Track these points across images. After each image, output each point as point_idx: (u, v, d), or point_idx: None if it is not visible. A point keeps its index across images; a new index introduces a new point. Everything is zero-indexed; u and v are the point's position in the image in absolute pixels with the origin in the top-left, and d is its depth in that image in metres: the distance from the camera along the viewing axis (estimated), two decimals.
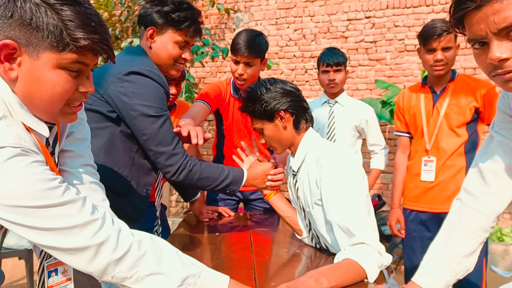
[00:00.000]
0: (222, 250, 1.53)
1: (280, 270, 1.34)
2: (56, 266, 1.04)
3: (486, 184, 1.11)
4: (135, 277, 0.89)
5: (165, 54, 1.53)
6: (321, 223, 1.42)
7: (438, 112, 2.05)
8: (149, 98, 1.42)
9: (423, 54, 2.04)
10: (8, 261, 3.72)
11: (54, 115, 0.88)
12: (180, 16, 1.50)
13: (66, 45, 0.80)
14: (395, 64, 4.89)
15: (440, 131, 2.04)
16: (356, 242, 1.20)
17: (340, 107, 2.55)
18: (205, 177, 1.50)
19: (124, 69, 1.41)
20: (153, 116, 1.41)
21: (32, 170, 0.79)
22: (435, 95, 2.08)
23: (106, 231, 0.87)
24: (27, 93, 0.83)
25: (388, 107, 4.12)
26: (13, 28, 0.79)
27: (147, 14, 1.53)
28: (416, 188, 2.14)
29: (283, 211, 1.61)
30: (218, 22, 5.58)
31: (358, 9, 4.99)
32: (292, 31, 5.25)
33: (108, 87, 1.42)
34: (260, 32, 2.07)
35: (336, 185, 1.28)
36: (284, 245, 1.63)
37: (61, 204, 0.81)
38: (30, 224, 0.79)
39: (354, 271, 1.14)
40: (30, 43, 0.79)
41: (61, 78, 0.83)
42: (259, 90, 1.44)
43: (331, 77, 2.47)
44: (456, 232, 1.13)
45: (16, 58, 0.80)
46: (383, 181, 4.96)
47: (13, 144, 0.78)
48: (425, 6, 4.76)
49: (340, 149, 1.38)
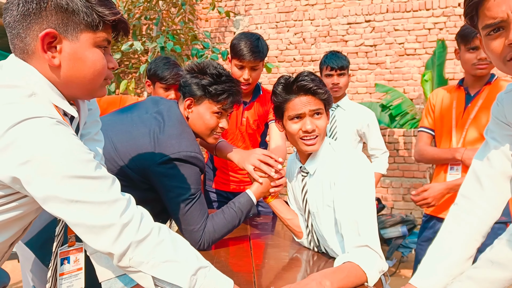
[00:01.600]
0: (221, 254, 1.52)
1: (279, 274, 1.33)
2: (69, 254, 1.06)
3: (483, 189, 1.11)
4: (152, 262, 0.90)
5: (202, 124, 1.56)
6: (327, 226, 1.42)
7: (469, 114, 1.95)
8: (187, 181, 1.45)
9: (464, 53, 1.95)
10: (7, 264, 3.71)
11: (94, 90, 0.95)
12: (218, 89, 1.52)
13: (98, 23, 0.88)
14: (395, 68, 4.90)
15: (468, 135, 1.95)
16: (361, 244, 1.21)
17: (342, 111, 2.55)
18: (223, 229, 1.52)
19: (170, 152, 1.42)
20: (187, 199, 1.45)
21: (73, 140, 0.83)
22: (468, 97, 1.98)
23: (131, 212, 0.89)
24: (70, 75, 0.89)
25: (388, 111, 4.13)
26: (51, 17, 0.84)
27: (186, 84, 1.56)
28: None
29: (284, 214, 1.61)
30: (218, 25, 5.59)
31: (358, 13, 5.00)
32: (292, 34, 5.26)
33: (149, 165, 1.43)
34: (258, 34, 2.08)
35: (353, 186, 1.29)
36: (283, 249, 1.62)
37: (95, 177, 0.84)
38: (64, 196, 0.81)
39: (355, 275, 1.15)
40: (68, 27, 0.86)
41: (99, 55, 0.91)
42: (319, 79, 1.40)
43: (335, 81, 2.46)
44: (453, 237, 1.14)
45: (56, 46, 0.86)
46: (382, 185, 4.96)
47: (49, 115, 0.81)
48: (425, 10, 4.78)
49: (359, 154, 1.38)
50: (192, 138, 1.52)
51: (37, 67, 0.87)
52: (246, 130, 2.20)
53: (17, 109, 0.79)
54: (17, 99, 0.81)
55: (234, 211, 1.55)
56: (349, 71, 2.54)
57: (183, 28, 5.21)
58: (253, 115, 2.19)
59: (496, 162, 1.09)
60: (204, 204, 1.51)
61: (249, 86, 2.07)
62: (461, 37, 1.95)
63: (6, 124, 0.76)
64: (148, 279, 0.92)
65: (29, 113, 0.78)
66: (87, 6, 0.86)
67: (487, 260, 1.02)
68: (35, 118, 0.78)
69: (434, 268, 1.12)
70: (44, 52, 0.85)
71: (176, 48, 4.44)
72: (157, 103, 1.61)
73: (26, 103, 0.81)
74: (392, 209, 4.93)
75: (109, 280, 1.07)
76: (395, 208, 4.91)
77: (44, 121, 0.79)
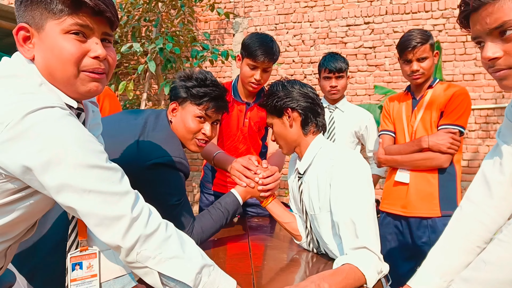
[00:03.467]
0: (220, 256, 1.52)
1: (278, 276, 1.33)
2: (82, 259, 1.03)
3: (491, 197, 1.09)
4: (159, 258, 0.90)
5: (183, 128, 1.55)
6: (326, 228, 1.41)
7: (415, 117, 2.11)
8: (172, 187, 1.46)
9: (401, 64, 2.12)
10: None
11: (73, 85, 0.90)
12: (200, 91, 1.53)
13: (62, 9, 0.86)
14: (393, 69, 4.90)
15: (417, 134, 2.09)
16: (359, 245, 1.20)
17: (340, 113, 2.54)
18: (210, 229, 1.54)
19: (154, 157, 1.41)
20: (173, 204, 1.45)
21: (84, 131, 0.84)
22: (414, 101, 2.15)
23: (140, 206, 0.90)
24: (45, 68, 0.88)
25: None
26: (24, 12, 0.88)
27: (175, 88, 1.58)
28: (393, 193, 2.17)
29: (281, 217, 1.61)
30: (218, 27, 5.60)
31: (357, 15, 5.01)
32: (291, 36, 5.27)
33: (133, 171, 1.44)
34: (271, 36, 2.09)
35: (348, 186, 1.29)
36: (282, 250, 1.62)
37: (107, 168, 0.85)
38: (78, 185, 0.81)
39: (354, 277, 1.15)
40: (35, 19, 0.87)
41: (67, 42, 0.87)
42: (277, 86, 1.50)
43: (333, 83, 2.45)
44: (456, 242, 1.13)
45: (31, 39, 0.88)
46: (381, 187, 4.96)
47: (60, 105, 0.82)
48: (424, 12, 4.79)
49: (354, 154, 1.38)
50: (177, 143, 1.51)
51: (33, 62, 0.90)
52: (248, 131, 2.19)
53: (31, 98, 0.79)
54: (29, 89, 0.82)
55: (221, 211, 1.57)
56: (348, 73, 2.53)
57: (182, 29, 5.21)
58: (255, 117, 2.19)
59: (507, 168, 1.06)
60: (189, 207, 1.52)
61: (258, 86, 2.09)
62: (397, 49, 2.11)
63: (20, 113, 0.76)
64: (154, 275, 0.92)
65: (42, 103, 0.79)
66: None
67: (481, 261, 1.00)
68: (48, 108, 0.79)
69: (434, 272, 1.11)
70: (20, 46, 0.88)
71: (175, 50, 4.44)
72: (149, 111, 1.63)
73: (39, 93, 0.83)
74: None
75: (108, 282, 1.07)
76: None
77: (57, 111, 0.80)
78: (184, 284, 0.93)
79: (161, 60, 4.91)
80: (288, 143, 1.50)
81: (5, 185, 0.84)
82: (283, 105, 1.45)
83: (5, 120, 0.76)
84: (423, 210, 2.01)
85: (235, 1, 5.50)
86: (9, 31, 3.50)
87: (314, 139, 1.47)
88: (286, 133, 1.48)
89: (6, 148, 0.77)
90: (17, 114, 0.76)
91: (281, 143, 1.52)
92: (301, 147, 1.49)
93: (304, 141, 1.48)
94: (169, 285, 0.94)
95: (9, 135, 0.76)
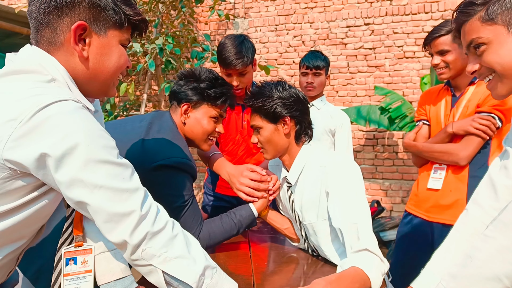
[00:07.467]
0: (220, 257, 1.52)
1: (279, 278, 1.32)
2: (76, 255, 1.03)
3: (497, 199, 1.08)
4: (164, 256, 0.90)
5: (200, 129, 1.54)
6: (323, 235, 1.41)
7: (454, 117, 1.91)
8: (179, 188, 1.43)
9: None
10: None
11: (109, 87, 0.99)
12: (217, 92, 1.52)
13: (124, 22, 0.93)
14: (394, 70, 4.90)
15: None
16: (361, 248, 1.20)
17: (315, 110, 2.50)
18: (219, 237, 1.51)
19: (159, 159, 1.39)
20: (179, 206, 1.43)
21: (97, 125, 0.84)
22: (454, 98, 1.94)
23: (149, 203, 0.90)
24: (95, 69, 0.93)
25: (387, 113, 4.14)
26: (83, 11, 0.88)
27: (181, 91, 1.54)
28: (421, 195, 2.00)
29: (281, 224, 1.61)
30: (218, 28, 5.60)
31: (357, 16, 5.01)
32: (292, 37, 5.27)
33: (139, 173, 1.43)
34: (243, 35, 1.98)
35: (345, 192, 1.28)
36: (283, 252, 1.62)
37: (118, 164, 0.85)
38: (89, 180, 0.81)
39: (359, 280, 1.13)
40: (98, 22, 0.90)
41: (123, 51, 0.97)
42: (274, 89, 1.42)
43: (309, 80, 2.46)
44: (461, 244, 1.13)
45: (85, 39, 0.90)
46: (381, 187, 4.96)
47: (73, 98, 0.83)
48: (424, 13, 4.79)
49: (343, 157, 1.38)
50: (184, 145, 1.50)
51: (60, 59, 0.89)
52: (248, 133, 2.16)
53: (44, 93, 0.79)
54: (39, 84, 0.82)
55: (234, 223, 1.52)
56: (327, 72, 2.52)
57: (182, 30, 5.21)
58: None
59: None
60: (197, 209, 1.49)
61: (241, 90, 2.02)
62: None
63: (34, 108, 0.76)
64: (158, 274, 0.92)
65: (55, 97, 0.79)
66: (115, 4, 0.91)
67: (468, 257, 0.98)
68: (62, 101, 0.79)
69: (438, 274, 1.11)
70: (75, 44, 0.88)
71: (176, 51, 4.44)
72: (153, 114, 1.61)
73: (49, 88, 0.83)
74: (391, 212, 4.92)
75: (108, 284, 1.06)
76: (394, 211, 4.91)
77: (71, 104, 0.80)
78: (187, 284, 0.93)
79: (161, 61, 4.91)
80: (276, 150, 1.45)
81: (18, 182, 0.83)
82: (281, 112, 1.39)
83: (18, 116, 0.76)
84: (447, 217, 1.84)
85: (235, 1, 5.50)
86: (9, 31, 3.52)
87: (302, 147, 1.46)
88: (277, 140, 1.43)
89: (21, 144, 0.77)
90: (30, 109, 0.76)
91: (268, 149, 1.45)
92: (290, 155, 1.46)
93: (294, 150, 1.45)
94: (173, 285, 0.94)
95: (23, 131, 0.76)
